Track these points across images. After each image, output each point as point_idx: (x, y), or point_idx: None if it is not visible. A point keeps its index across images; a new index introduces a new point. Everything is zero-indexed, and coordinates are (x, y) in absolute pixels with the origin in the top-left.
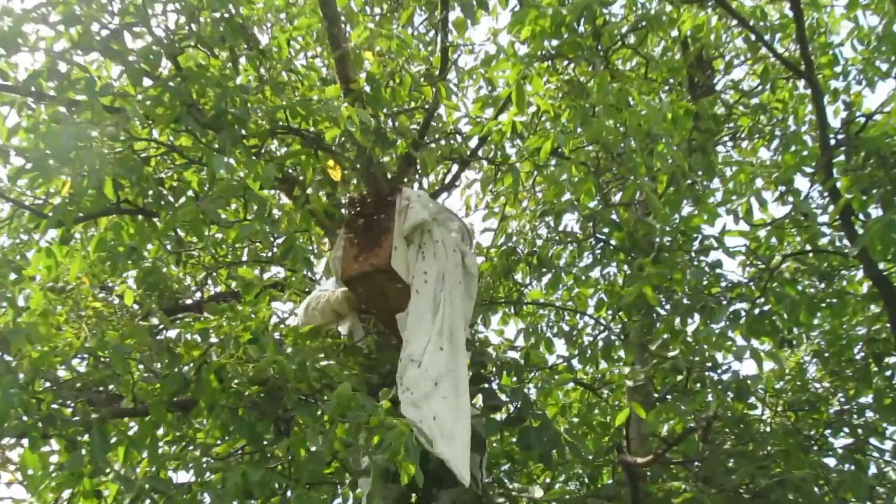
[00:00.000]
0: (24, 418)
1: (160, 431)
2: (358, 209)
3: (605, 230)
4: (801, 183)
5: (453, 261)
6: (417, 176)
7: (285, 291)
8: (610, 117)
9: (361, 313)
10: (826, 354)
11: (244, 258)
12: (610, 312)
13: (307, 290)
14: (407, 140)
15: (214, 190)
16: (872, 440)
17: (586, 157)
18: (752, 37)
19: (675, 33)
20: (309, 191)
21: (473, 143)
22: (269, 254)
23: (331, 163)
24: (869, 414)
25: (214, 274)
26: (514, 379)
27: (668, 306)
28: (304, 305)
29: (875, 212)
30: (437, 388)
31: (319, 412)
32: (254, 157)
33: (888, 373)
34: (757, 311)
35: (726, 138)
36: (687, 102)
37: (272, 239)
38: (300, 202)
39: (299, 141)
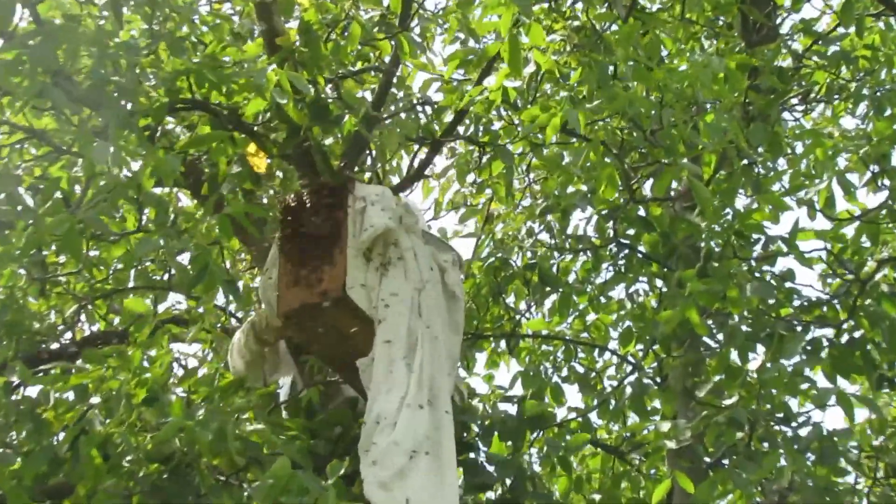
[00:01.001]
0: None
1: None
2: (294, 214)
3: (632, 232)
4: None
5: (431, 280)
6: (372, 164)
7: (190, 328)
8: (637, 78)
9: (304, 356)
10: None
11: (131, 284)
12: (640, 347)
13: (224, 324)
14: (357, 115)
15: (94, 191)
16: None
17: (606, 133)
18: None
19: None
20: (224, 189)
21: (448, 117)
22: (167, 276)
23: (253, 149)
24: None
25: (90, 307)
26: (509, 444)
27: (720, 336)
28: (231, 348)
29: None
30: (414, 461)
31: (245, 497)
32: (148, 143)
33: None
34: (844, 339)
35: (795, 101)
36: (741, 54)
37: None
38: (211, 205)
39: (208, 119)
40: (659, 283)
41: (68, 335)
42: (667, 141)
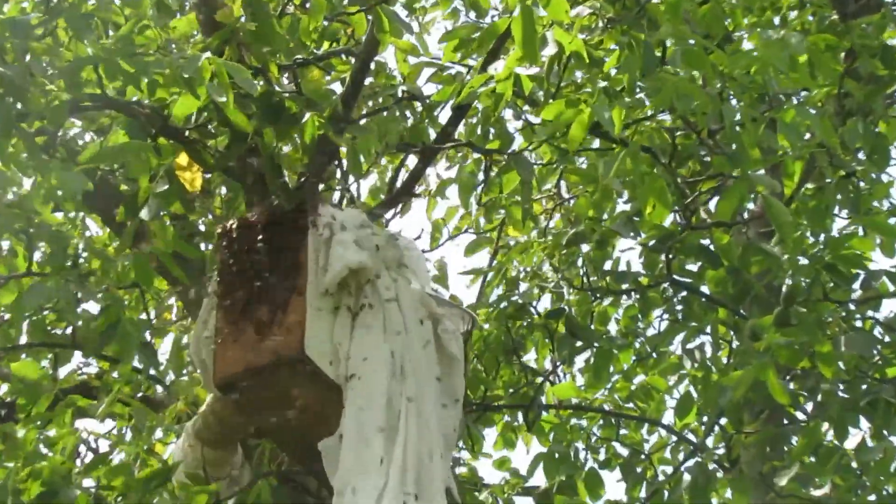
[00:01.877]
0: None
1: None
2: (237, 247)
3: (691, 268)
4: None
5: (419, 333)
6: (343, 178)
7: (101, 399)
8: (692, 63)
9: (248, 439)
10: None
11: (22, 341)
12: (703, 420)
13: (148, 393)
14: (323, 113)
15: None
16: None
17: (652, 136)
18: None
19: None
20: (144, 213)
21: (444, 115)
22: (69, 331)
23: (184, 161)
24: None
25: None
26: None
27: (808, 405)
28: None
29: None
30: None
31: None
32: (44, 156)
33: None
34: None
35: None
36: (832, 35)
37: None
38: (128, 236)
39: (124, 123)
40: (730, 335)
41: None
42: (733, 146)
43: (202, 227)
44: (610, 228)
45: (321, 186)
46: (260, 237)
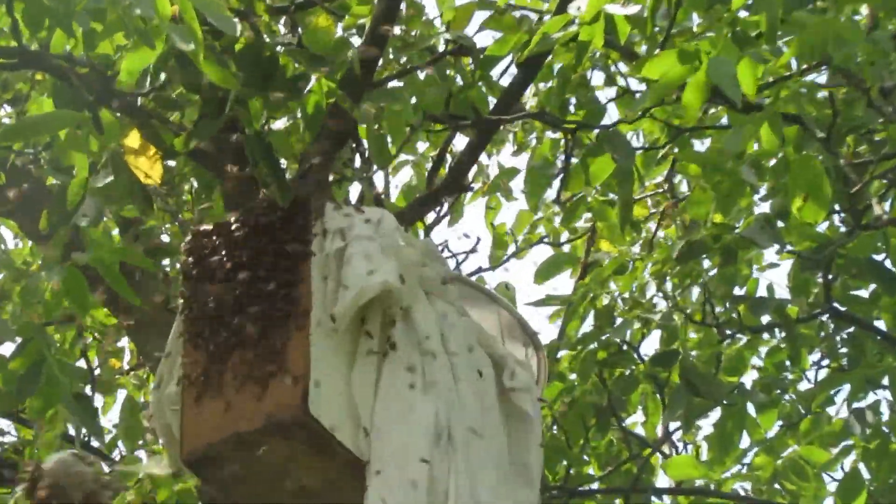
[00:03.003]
0: None
1: None
2: (211, 264)
3: (860, 292)
4: None
5: (475, 386)
6: (362, 166)
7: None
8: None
9: None
10: None
11: None
12: None
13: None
14: (334, 74)
15: None
16: None
17: (801, 102)
18: None
19: None
20: (81, 217)
21: (506, 78)
22: None
23: (135, 141)
24: None
25: None
26: None
27: None
28: None
29: None
30: None
31: None
32: None
33: None
34: None
35: None
36: None
37: None
38: (58, 245)
39: (51, 87)
40: None
41: None
42: None
43: (164, 238)
44: (741, 236)
45: (331, 178)
46: (243, 249)
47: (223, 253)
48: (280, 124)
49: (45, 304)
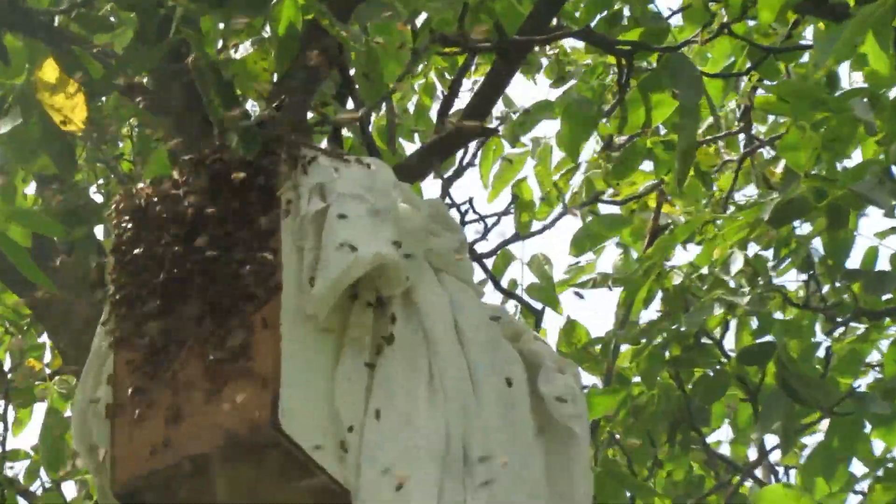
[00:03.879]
0: None
1: None
2: (150, 234)
3: None
4: None
5: (499, 392)
6: (356, 103)
7: None
8: None
9: None
10: None
11: None
12: None
13: None
14: None
15: None
16: None
17: None
18: None
19: None
20: None
21: None
22: None
23: (51, 73)
24: None
25: None
26: None
27: None
28: None
29: None
30: None
31: None
32: None
33: None
34: None
35: None
36: None
37: None
38: None
39: None
40: None
41: None
42: None
43: (95, 197)
44: (852, 191)
45: (309, 118)
46: (190, 213)
47: (167, 218)
48: (242, 50)
49: None
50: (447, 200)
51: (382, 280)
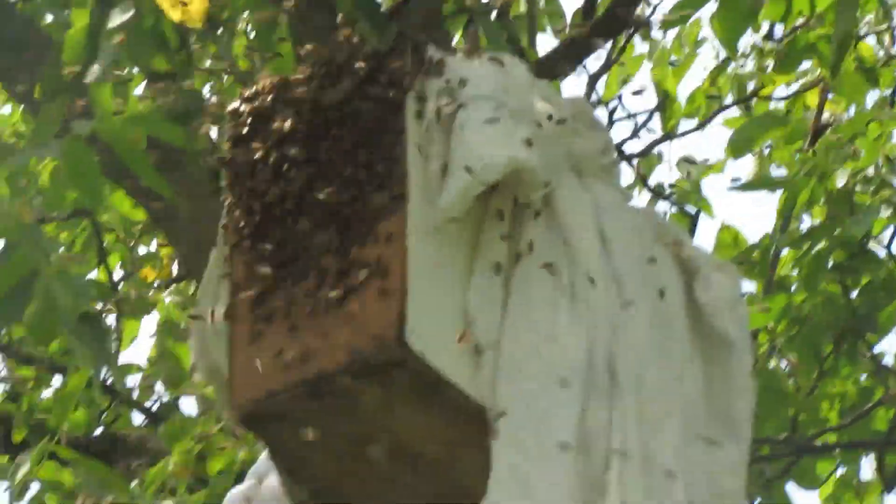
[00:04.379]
0: None
1: None
2: (270, 140)
3: None
4: None
5: (652, 312)
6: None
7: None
8: None
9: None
10: None
11: None
12: None
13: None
14: None
15: None
16: None
17: None
18: None
19: None
20: (91, 73)
21: None
22: None
23: None
24: None
25: None
26: None
27: None
28: None
29: None
30: None
31: None
32: None
33: None
34: None
35: None
36: None
37: None
38: (54, 115)
39: None
40: None
41: None
42: None
43: (212, 99)
44: None
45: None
46: (317, 114)
47: (288, 120)
48: None
49: (42, 193)
50: (594, 98)
51: (519, 186)
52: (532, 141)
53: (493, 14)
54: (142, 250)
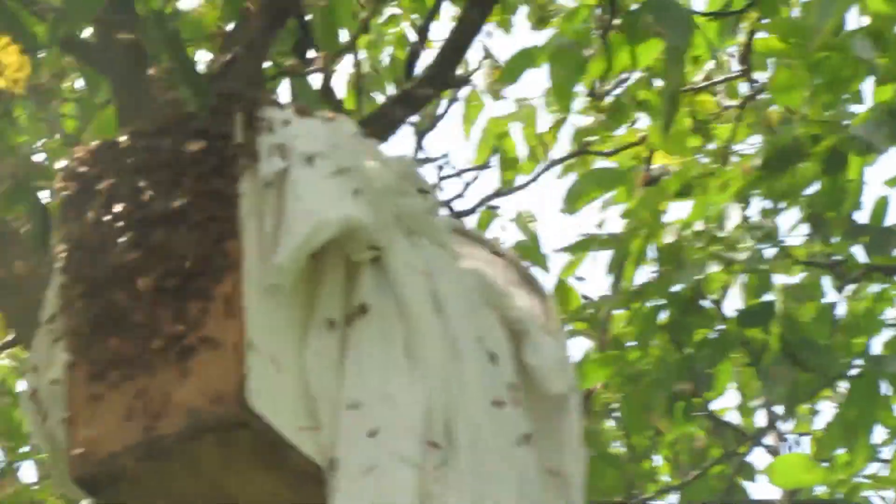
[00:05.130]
0: None
1: None
2: (97, 200)
3: None
4: None
5: (482, 369)
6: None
7: None
8: None
9: None
10: None
11: None
12: None
13: None
14: None
15: None
16: None
17: None
18: None
19: None
20: None
21: None
22: None
23: None
24: None
25: None
26: None
27: None
28: None
29: None
30: None
31: None
32: None
33: None
34: None
35: None
36: None
37: None
38: None
39: None
40: None
41: None
42: None
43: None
44: (849, 136)
45: (268, 67)
46: (143, 177)
47: (114, 183)
48: (190, 1)
49: None
50: (421, 154)
51: (351, 245)
52: (363, 198)
53: (320, 76)
54: None
